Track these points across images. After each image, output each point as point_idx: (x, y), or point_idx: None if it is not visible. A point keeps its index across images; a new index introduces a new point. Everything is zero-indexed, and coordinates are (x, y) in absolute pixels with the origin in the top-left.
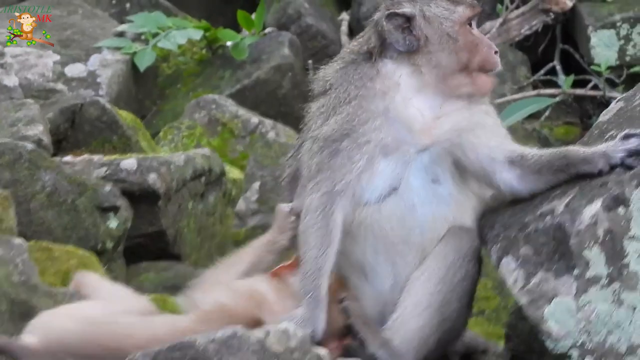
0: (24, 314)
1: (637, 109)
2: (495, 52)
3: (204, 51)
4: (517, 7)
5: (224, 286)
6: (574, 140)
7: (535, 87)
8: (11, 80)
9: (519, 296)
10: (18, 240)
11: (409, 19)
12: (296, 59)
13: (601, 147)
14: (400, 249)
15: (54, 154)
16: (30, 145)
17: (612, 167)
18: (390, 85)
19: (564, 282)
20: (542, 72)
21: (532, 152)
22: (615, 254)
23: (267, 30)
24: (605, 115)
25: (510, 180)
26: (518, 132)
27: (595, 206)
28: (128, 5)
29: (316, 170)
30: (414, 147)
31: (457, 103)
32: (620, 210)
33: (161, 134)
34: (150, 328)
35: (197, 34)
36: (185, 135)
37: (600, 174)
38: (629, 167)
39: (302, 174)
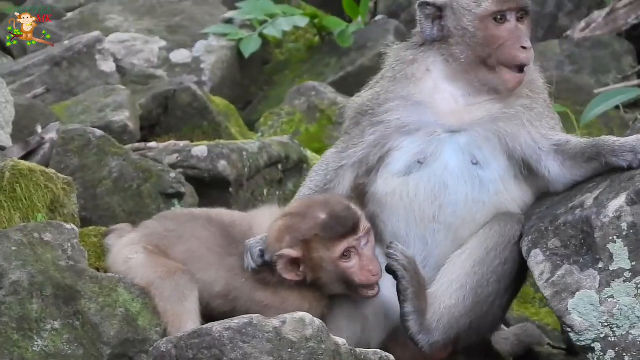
0: (68, 298)
1: None
2: (524, 48)
3: (316, 38)
4: None
5: None
6: None
7: None
8: (108, 66)
9: (543, 289)
10: (69, 226)
11: (440, 9)
12: None
13: (631, 139)
14: (431, 226)
15: (145, 139)
16: (98, 132)
17: None
18: (421, 71)
19: (588, 276)
20: None
21: (575, 139)
22: (638, 247)
23: (377, 17)
24: None
25: (553, 167)
26: (615, 122)
27: (620, 200)
28: None
29: (343, 131)
30: (441, 128)
31: (491, 95)
32: None
33: (261, 119)
34: None
35: (303, 21)
36: (284, 121)
37: (630, 168)
38: None
39: None
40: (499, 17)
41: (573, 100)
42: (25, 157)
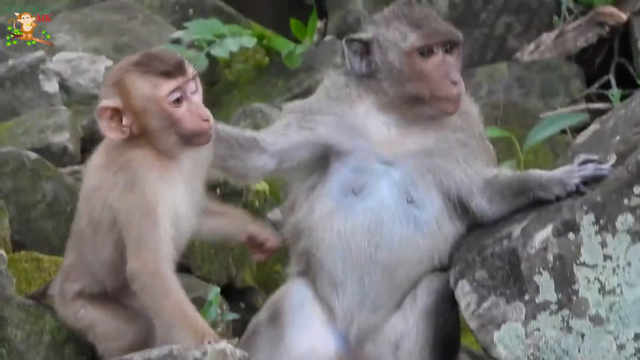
0: None
1: (607, 133)
2: (454, 83)
3: (266, 59)
4: (576, 19)
5: None
6: None
7: (590, 100)
8: (51, 86)
9: (469, 320)
10: None
11: (367, 44)
12: None
13: (558, 172)
14: (367, 266)
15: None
16: (33, 155)
17: (569, 194)
18: (353, 95)
19: (514, 307)
20: (595, 85)
21: (503, 173)
22: (565, 279)
23: (326, 38)
24: (581, 137)
25: (481, 203)
26: (561, 146)
27: (547, 231)
28: (191, 11)
29: (273, 122)
30: (375, 157)
31: (426, 122)
32: (570, 235)
33: None
34: None
35: (251, 42)
36: None
37: (558, 199)
38: (583, 194)
39: None
40: (425, 51)
41: (520, 124)
42: None
